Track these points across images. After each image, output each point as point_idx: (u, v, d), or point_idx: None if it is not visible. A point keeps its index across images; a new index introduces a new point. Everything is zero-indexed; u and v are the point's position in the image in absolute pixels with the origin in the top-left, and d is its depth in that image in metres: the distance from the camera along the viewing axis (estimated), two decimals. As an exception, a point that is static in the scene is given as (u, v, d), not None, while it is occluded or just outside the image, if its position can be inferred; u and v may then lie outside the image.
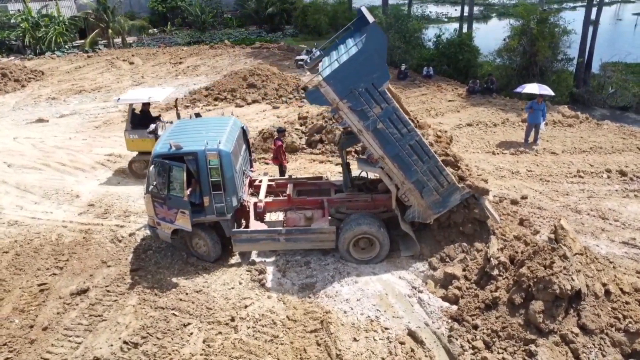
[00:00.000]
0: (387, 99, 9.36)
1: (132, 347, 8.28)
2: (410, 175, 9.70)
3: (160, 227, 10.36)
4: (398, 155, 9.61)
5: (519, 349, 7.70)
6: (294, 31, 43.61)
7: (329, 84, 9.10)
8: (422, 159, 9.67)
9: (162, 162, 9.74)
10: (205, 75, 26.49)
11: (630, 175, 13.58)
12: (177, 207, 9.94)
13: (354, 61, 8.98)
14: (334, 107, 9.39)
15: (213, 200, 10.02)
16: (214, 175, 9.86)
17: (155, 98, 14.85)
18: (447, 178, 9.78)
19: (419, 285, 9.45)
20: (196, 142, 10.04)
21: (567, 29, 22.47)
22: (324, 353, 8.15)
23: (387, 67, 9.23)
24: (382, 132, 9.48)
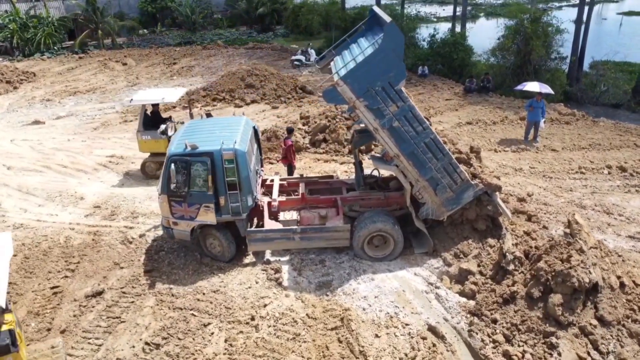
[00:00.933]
0: (403, 97, 9.48)
1: (154, 348, 8.26)
2: (424, 172, 9.81)
3: (178, 227, 10.31)
4: (413, 153, 9.72)
5: (539, 342, 7.85)
6: (285, 31, 43.58)
7: (346, 82, 9.18)
8: (437, 157, 9.79)
9: (181, 160, 9.72)
10: (201, 76, 26.38)
11: (630, 171, 13.88)
12: (199, 202, 9.95)
13: (371, 60, 9.08)
14: (351, 105, 9.48)
15: (229, 200, 10.02)
16: (229, 175, 9.88)
17: (168, 99, 14.80)
18: (461, 175, 9.92)
19: (435, 282, 9.58)
20: (211, 142, 10.05)
21: (560, 28, 22.84)
22: (346, 350, 8.22)
23: (404, 65, 9.34)
24: (397, 130, 9.59)
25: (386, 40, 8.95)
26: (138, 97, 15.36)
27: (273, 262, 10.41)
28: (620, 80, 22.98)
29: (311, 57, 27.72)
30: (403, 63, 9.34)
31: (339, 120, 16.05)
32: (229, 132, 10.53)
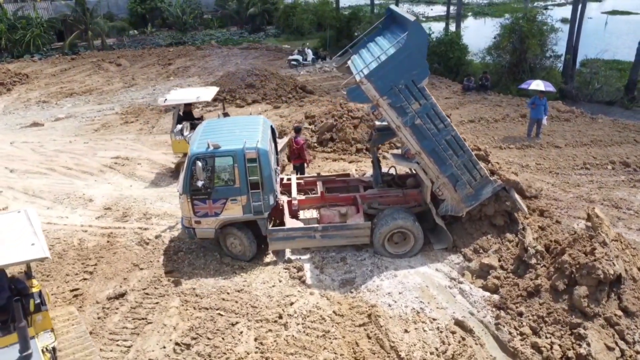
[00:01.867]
0: (425, 95, 9.61)
1: (185, 348, 8.26)
2: (445, 169, 9.94)
3: (200, 225, 10.29)
4: (434, 150, 9.84)
5: (566, 333, 8.02)
6: (277, 32, 43.54)
7: (370, 81, 9.27)
8: (457, 154, 9.93)
9: (205, 157, 9.76)
10: (198, 77, 26.26)
11: (634, 166, 14.22)
12: (225, 196, 10.02)
13: (395, 58, 9.19)
14: (374, 104, 9.58)
15: (251, 199, 10.06)
16: (252, 174, 9.91)
17: (203, 97, 14.78)
18: (480, 172, 10.08)
19: (457, 277, 9.71)
20: (233, 141, 10.08)
21: (555, 27, 23.24)
22: (376, 346, 8.31)
23: (427, 63, 9.46)
24: (419, 128, 9.71)
25: (410, 39, 9.06)
26: (172, 97, 15.16)
27: (294, 260, 10.46)
28: (612, 78, 23.44)
29: (308, 57, 27.77)
30: (426, 61, 9.47)
31: (346, 120, 16.14)
32: (249, 132, 10.57)
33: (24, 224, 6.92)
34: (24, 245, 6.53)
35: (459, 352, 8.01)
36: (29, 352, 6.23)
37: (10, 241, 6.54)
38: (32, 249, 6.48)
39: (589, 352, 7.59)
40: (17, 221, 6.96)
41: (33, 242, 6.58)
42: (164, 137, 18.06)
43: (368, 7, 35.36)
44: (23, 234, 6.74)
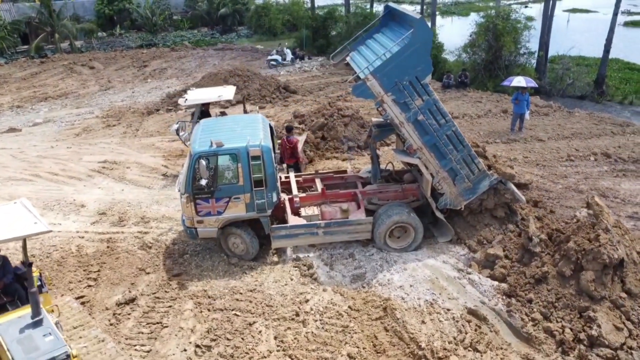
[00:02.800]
0: (428, 91, 9.84)
1: (206, 350, 8.23)
2: (445, 164, 10.21)
3: (202, 225, 10.21)
4: (435, 145, 10.10)
5: (575, 317, 8.39)
6: (248, 32, 43.27)
7: (376, 77, 9.44)
8: (457, 148, 10.22)
9: (207, 156, 9.68)
10: (177, 78, 25.90)
11: (614, 157, 14.89)
12: (228, 195, 9.98)
13: (400, 55, 9.37)
14: (379, 100, 9.74)
15: (254, 197, 10.05)
16: (255, 172, 9.89)
17: (225, 96, 14.68)
18: (478, 166, 10.40)
19: (464, 268, 9.98)
20: (235, 139, 10.03)
21: (528, 24, 24.02)
22: (394, 338, 8.48)
23: (430, 60, 9.68)
24: (422, 124, 9.94)
25: (416, 35, 9.25)
26: (192, 96, 14.87)
27: (303, 258, 10.52)
28: (582, 73, 24.39)
29: (287, 57, 27.79)
30: (430, 58, 9.69)
31: (337, 118, 16.26)
32: (250, 130, 10.55)
33: (22, 210, 7.30)
34: (27, 224, 7.00)
35: (476, 340, 8.26)
36: (40, 317, 6.72)
37: (14, 221, 7.03)
38: (36, 226, 6.98)
39: (600, 333, 7.97)
40: (16, 209, 7.37)
41: (35, 222, 7.05)
42: (151, 140, 17.81)
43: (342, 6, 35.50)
44: (24, 216, 7.18)
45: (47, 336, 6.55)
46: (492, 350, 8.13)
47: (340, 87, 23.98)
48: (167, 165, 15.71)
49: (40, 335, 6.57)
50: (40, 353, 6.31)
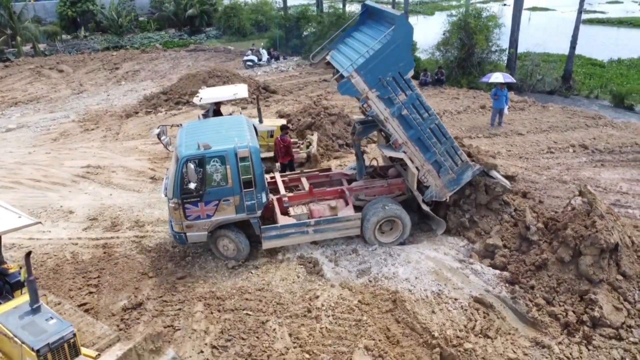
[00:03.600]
0: (411, 86, 10.08)
1: (223, 350, 8.21)
2: (429, 156, 10.47)
3: (192, 230, 10.05)
4: (419, 139, 10.35)
5: (577, 300, 8.79)
6: (218, 33, 42.92)
7: (359, 74, 9.60)
8: (440, 141, 10.51)
9: (195, 160, 9.50)
10: (151, 80, 25.46)
11: (591, 149, 15.59)
12: (218, 198, 9.85)
13: (382, 52, 9.55)
14: (364, 96, 9.87)
15: (244, 198, 9.98)
16: (244, 173, 9.81)
17: (240, 94, 14.53)
18: (461, 157, 10.74)
19: (466, 259, 10.27)
20: (222, 141, 9.89)
21: (499, 22, 24.80)
22: (406, 329, 8.67)
23: (412, 56, 9.90)
24: (406, 118, 10.17)
25: (397, 32, 9.43)
26: (206, 95, 14.67)
27: (307, 256, 10.58)
28: (551, 69, 25.35)
29: (263, 57, 27.74)
30: (411, 53, 9.91)
31: (324, 117, 16.40)
32: (236, 131, 10.46)
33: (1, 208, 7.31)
34: (12, 218, 7.04)
35: (486, 327, 8.54)
36: (38, 304, 6.82)
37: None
38: (21, 219, 7.07)
39: (602, 314, 8.38)
40: None
41: (19, 216, 7.12)
42: (133, 143, 17.48)
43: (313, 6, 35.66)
44: (5, 213, 7.17)
45: (50, 320, 6.71)
46: (502, 335, 8.43)
47: (319, 86, 24.15)
48: (154, 168, 15.47)
49: (43, 320, 6.71)
50: (49, 334, 6.46)
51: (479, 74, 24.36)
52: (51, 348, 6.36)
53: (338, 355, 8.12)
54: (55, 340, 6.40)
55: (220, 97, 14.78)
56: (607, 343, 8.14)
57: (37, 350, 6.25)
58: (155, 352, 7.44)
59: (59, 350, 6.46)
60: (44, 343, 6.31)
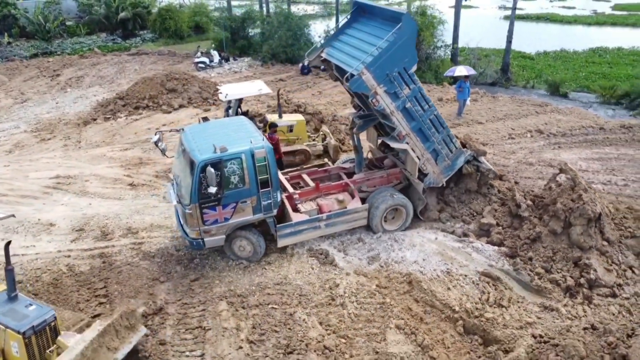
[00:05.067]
0: (414, 80, 10.67)
1: (260, 344, 8.32)
2: (428, 145, 11.14)
3: (210, 234, 9.96)
4: (420, 130, 10.98)
5: (572, 266, 9.76)
6: (153, 36, 41.58)
7: (370, 71, 10.04)
8: (438, 130, 11.21)
9: (213, 162, 9.39)
10: (99, 86, 24.36)
11: (546, 133, 17.02)
12: (235, 200, 9.83)
13: (390, 48, 10.05)
14: (372, 92, 10.31)
15: (261, 198, 10.05)
16: (261, 173, 9.89)
17: (264, 90, 14.80)
18: (455, 144, 11.51)
19: (465, 238, 10.98)
20: (235, 142, 9.86)
21: (442, 19, 26.17)
22: (427, 307, 9.22)
23: (415, 51, 10.48)
24: (409, 111, 10.76)
25: (403, 29, 9.97)
26: (231, 92, 14.71)
27: (316, 249, 10.84)
28: (491, 62, 27.11)
29: (215, 59, 27.37)
30: (415, 49, 10.50)
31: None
32: (245, 132, 10.53)
33: None
34: None
35: (499, 298, 9.27)
36: (15, 293, 7.33)
37: None
38: None
39: (597, 276, 9.38)
40: None
41: None
42: (100, 151, 16.80)
43: (256, 5, 35.50)
44: None
45: (30, 306, 7.23)
46: (514, 304, 9.20)
47: (276, 85, 24.28)
48: (130, 175, 14.99)
49: (23, 306, 7.21)
50: (31, 319, 6.97)
51: (427, 69, 25.60)
52: (35, 331, 6.91)
53: (372, 337, 8.50)
54: (39, 323, 6.96)
55: (246, 92, 15.03)
56: (605, 301, 9.14)
57: (23, 332, 6.78)
58: (130, 328, 7.90)
59: (42, 333, 7.02)
60: (29, 326, 6.85)
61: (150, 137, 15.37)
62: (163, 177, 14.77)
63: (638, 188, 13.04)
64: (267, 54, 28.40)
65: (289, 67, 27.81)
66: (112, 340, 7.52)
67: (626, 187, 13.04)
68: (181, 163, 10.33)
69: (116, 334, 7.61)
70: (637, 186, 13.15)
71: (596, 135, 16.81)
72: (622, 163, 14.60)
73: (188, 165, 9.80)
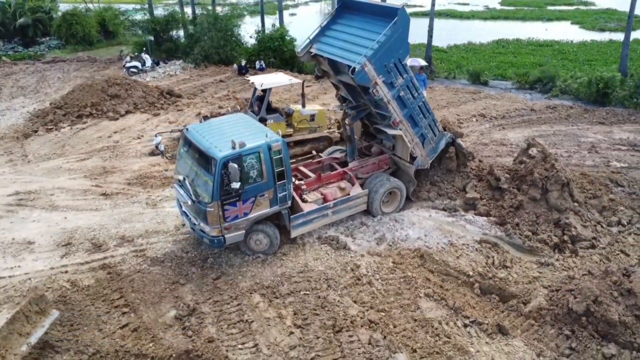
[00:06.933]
0: (407, 69, 11.50)
1: (308, 327, 8.63)
2: (417, 130, 12.06)
3: (231, 230, 10.01)
4: (411, 116, 11.86)
5: (554, 227, 11.14)
6: (59, 42, 38.80)
7: (371, 63, 10.70)
8: (425, 116, 12.16)
9: (233, 158, 9.45)
10: (24, 97, 22.46)
11: (488, 117, 18.81)
12: (254, 194, 9.95)
13: (388, 41, 10.78)
14: (373, 82, 10.99)
15: (277, 191, 10.27)
16: (278, 166, 10.10)
17: (294, 80, 15.95)
18: (439, 127, 12.56)
19: (455, 213, 12.01)
20: (250, 137, 9.95)
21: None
22: (442, 276, 10.07)
23: (409, 43, 11.29)
24: (402, 99, 11.58)
25: (398, 23, 10.75)
26: (266, 81, 15.42)
27: (325, 236, 11.26)
28: (415, 56, 28.92)
29: (147, 63, 26.38)
30: (408, 41, 11.31)
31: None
32: (253, 127, 10.70)
33: None
34: None
35: (503, 260, 10.38)
36: None
37: None
38: None
39: (577, 232, 10.84)
40: None
41: None
42: (54, 163, 15.74)
43: (177, 7, 34.42)
44: None
45: None
46: (516, 264, 10.35)
47: (219, 86, 24.13)
48: (98, 184, 14.28)
49: None
50: None
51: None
52: None
53: (405, 307, 9.16)
54: None
55: (280, 82, 15.87)
56: (587, 252, 10.59)
57: None
58: (41, 313, 8.10)
59: None
60: None
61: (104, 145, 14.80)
62: (136, 184, 14.27)
63: (580, 157, 15.02)
64: (199, 56, 27.91)
65: (224, 68, 27.62)
66: (22, 326, 7.86)
67: (571, 158, 14.95)
68: (190, 162, 10.25)
69: (26, 319, 7.96)
70: (579, 156, 15.13)
71: (530, 116, 18.90)
72: (560, 138, 16.65)
73: (203, 163, 9.78)
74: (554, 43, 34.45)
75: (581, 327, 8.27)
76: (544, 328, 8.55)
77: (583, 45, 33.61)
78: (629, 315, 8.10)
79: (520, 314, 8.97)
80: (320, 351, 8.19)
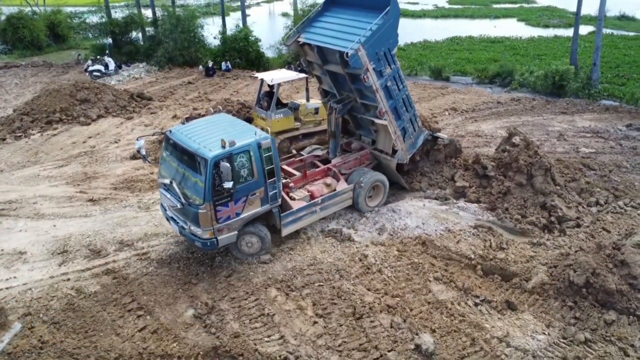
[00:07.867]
0: (395, 60, 11.91)
1: (329, 316, 8.86)
2: (399, 123, 12.50)
3: (223, 232, 9.81)
4: (395, 108, 12.30)
5: (541, 209, 11.87)
6: (5, 47, 36.89)
7: (365, 48, 11.03)
8: (408, 110, 12.65)
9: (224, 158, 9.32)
10: (-18, 103, 21.43)
11: (460, 111, 19.61)
12: (245, 193, 9.81)
13: (380, 29, 11.15)
14: (365, 68, 11.28)
15: (268, 189, 10.21)
16: (268, 163, 10.05)
17: (301, 75, 16.53)
18: (418, 123, 13.09)
19: (446, 202, 12.55)
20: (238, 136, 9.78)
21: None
22: (444, 260, 10.55)
23: (398, 34, 11.69)
24: (389, 89, 12.00)
25: (390, 13, 11.14)
26: (276, 76, 15.75)
27: (327, 230, 11.51)
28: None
29: (110, 66, 25.64)
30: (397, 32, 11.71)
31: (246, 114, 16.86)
32: (239, 126, 10.62)
33: None
34: None
35: (499, 242, 10.98)
36: None
37: None
38: None
39: (564, 213, 11.62)
40: None
41: None
42: (31, 171, 15.17)
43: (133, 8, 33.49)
44: None
45: None
46: (511, 246, 10.97)
47: (188, 88, 23.85)
48: (83, 190, 13.90)
49: None
50: None
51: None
52: None
53: (417, 292, 9.56)
54: None
55: (289, 77, 16.56)
56: (574, 231, 11.36)
57: None
58: (1, 326, 8.17)
59: None
60: None
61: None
62: (123, 189, 14.00)
63: (551, 145, 16.01)
64: (162, 59, 27.43)
65: (189, 70, 27.31)
66: None
67: (543, 146, 15.86)
68: (176, 164, 10.08)
69: None
70: (549, 144, 16.13)
71: (498, 109, 19.88)
72: (529, 128, 17.64)
73: (192, 164, 9.59)
74: (504, 39, 36.11)
75: (582, 298, 8.94)
76: (548, 301, 9.17)
77: (532, 41, 35.42)
78: (624, 284, 8.84)
79: (524, 290, 9.56)
80: (346, 337, 8.44)
